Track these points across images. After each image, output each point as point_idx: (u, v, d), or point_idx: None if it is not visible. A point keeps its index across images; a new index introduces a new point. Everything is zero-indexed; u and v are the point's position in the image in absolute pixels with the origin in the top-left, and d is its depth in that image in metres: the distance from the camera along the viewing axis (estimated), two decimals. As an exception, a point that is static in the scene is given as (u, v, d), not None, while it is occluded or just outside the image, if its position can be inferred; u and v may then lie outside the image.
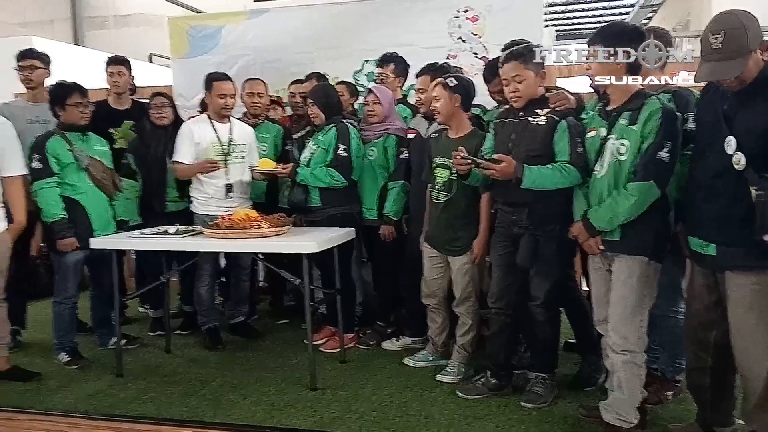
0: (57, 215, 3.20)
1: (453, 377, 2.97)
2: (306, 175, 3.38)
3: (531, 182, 2.44)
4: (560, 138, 2.48)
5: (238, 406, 2.76)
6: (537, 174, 2.44)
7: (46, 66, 3.68)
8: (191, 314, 3.89)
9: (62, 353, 3.34)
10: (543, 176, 2.44)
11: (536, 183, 2.44)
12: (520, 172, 2.43)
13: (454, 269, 2.99)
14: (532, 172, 2.43)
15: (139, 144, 3.71)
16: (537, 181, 2.44)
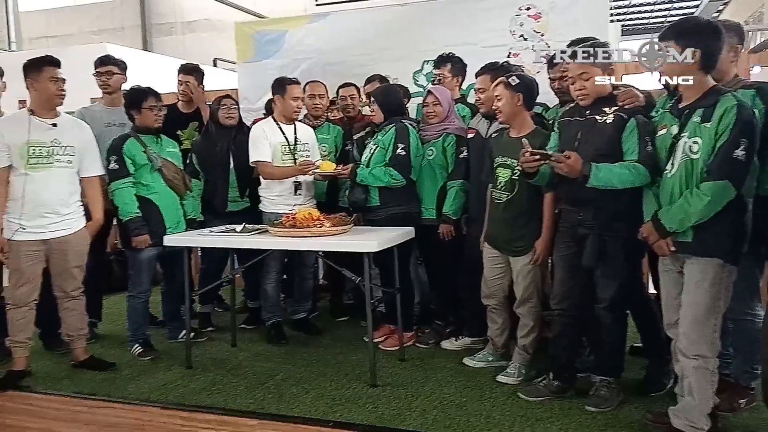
0: (132, 213, 3.36)
1: (514, 378, 2.94)
2: (365, 175, 3.42)
3: (598, 180, 2.38)
4: (629, 136, 2.42)
5: (300, 400, 2.83)
6: (605, 172, 2.38)
7: (123, 72, 3.87)
8: (255, 310, 4.01)
9: (135, 345, 3.51)
10: (611, 174, 2.38)
11: (603, 181, 2.38)
12: (587, 169, 2.37)
13: (516, 269, 2.97)
14: (599, 170, 2.38)
15: (204, 144, 3.84)
16: (604, 179, 2.38)
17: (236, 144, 3.77)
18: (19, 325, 3.11)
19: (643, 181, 2.35)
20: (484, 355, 3.21)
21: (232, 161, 3.78)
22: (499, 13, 4.22)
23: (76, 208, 3.20)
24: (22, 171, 3.01)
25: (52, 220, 3.07)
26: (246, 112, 4.90)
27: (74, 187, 3.20)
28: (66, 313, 3.26)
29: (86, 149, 3.24)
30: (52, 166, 3.07)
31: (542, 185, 2.73)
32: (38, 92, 3.09)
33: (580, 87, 2.51)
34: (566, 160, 2.39)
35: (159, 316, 3.93)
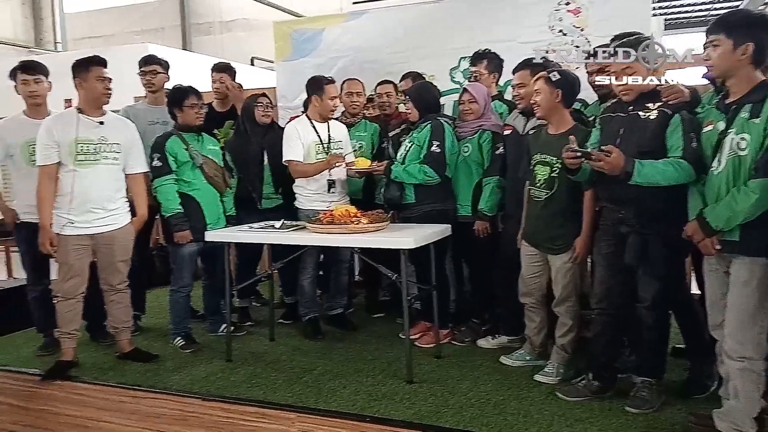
0: (174, 210, 3.44)
1: (552, 378, 2.92)
2: (400, 172, 3.43)
3: (642, 177, 2.32)
4: (673, 132, 2.36)
5: (338, 395, 2.86)
6: (649, 168, 2.32)
7: (166, 71, 3.97)
8: (292, 305, 4.07)
9: (178, 338, 3.60)
10: (655, 171, 2.32)
11: (647, 178, 2.33)
12: (630, 166, 2.32)
13: (554, 268, 2.94)
14: (643, 167, 2.32)
15: (237, 142, 3.88)
16: (648, 176, 2.32)
17: (269, 142, 3.82)
18: (67, 317, 3.22)
19: (688, 179, 2.30)
20: (521, 354, 3.18)
21: (266, 158, 3.83)
22: (538, 8, 4.17)
23: (121, 204, 3.30)
24: (70, 167, 3.11)
25: (99, 216, 3.17)
26: (284, 110, 4.99)
27: (120, 183, 3.29)
28: (112, 306, 3.36)
29: (131, 147, 3.33)
30: (98, 162, 3.16)
31: (583, 182, 2.69)
32: (86, 91, 3.19)
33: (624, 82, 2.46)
34: (607, 157, 2.33)
35: (200, 310, 4.01)
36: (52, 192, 3.12)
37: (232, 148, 3.85)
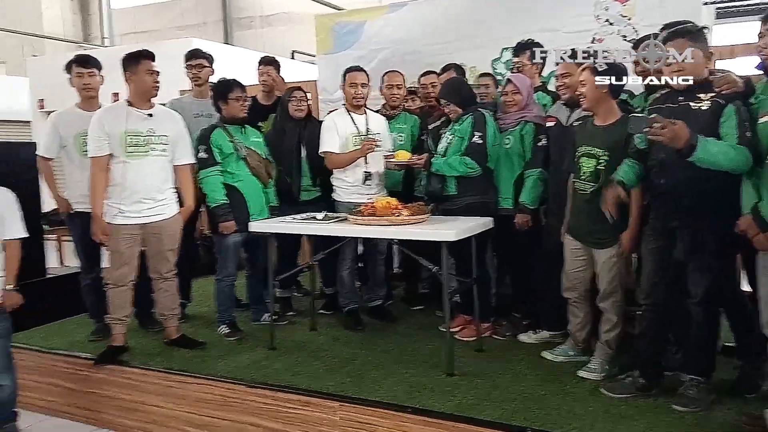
0: (219, 200, 3.51)
1: (596, 374, 2.87)
2: (441, 164, 3.42)
3: (705, 153, 2.19)
4: (726, 122, 2.27)
5: (379, 385, 2.88)
6: (713, 146, 2.19)
7: (211, 65, 4.04)
8: (332, 296, 4.11)
9: (222, 326, 3.68)
10: (718, 149, 2.19)
11: (710, 156, 2.19)
12: (695, 139, 2.18)
13: (600, 262, 2.88)
14: (708, 143, 2.19)
15: (275, 135, 3.90)
16: (711, 154, 2.19)
17: (307, 135, 3.86)
18: (117, 304, 3.33)
19: (746, 165, 2.20)
20: (563, 350, 3.14)
21: (304, 151, 3.86)
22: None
23: (169, 195, 3.38)
24: (121, 159, 3.20)
25: (148, 206, 3.26)
26: (325, 103, 5.03)
27: (168, 174, 3.38)
28: (160, 294, 3.46)
29: (179, 139, 3.40)
30: (147, 154, 3.24)
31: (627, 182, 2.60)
32: (135, 84, 3.26)
33: (678, 68, 2.38)
34: (672, 125, 2.19)
35: (243, 299, 4.09)
36: (103, 183, 3.22)
37: (270, 141, 3.89)
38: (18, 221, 3.03)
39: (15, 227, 3.02)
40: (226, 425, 2.99)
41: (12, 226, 3.00)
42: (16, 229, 3.02)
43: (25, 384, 3.30)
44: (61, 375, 3.46)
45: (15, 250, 3.01)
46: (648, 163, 2.55)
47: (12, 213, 3.01)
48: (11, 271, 3.00)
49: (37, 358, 3.54)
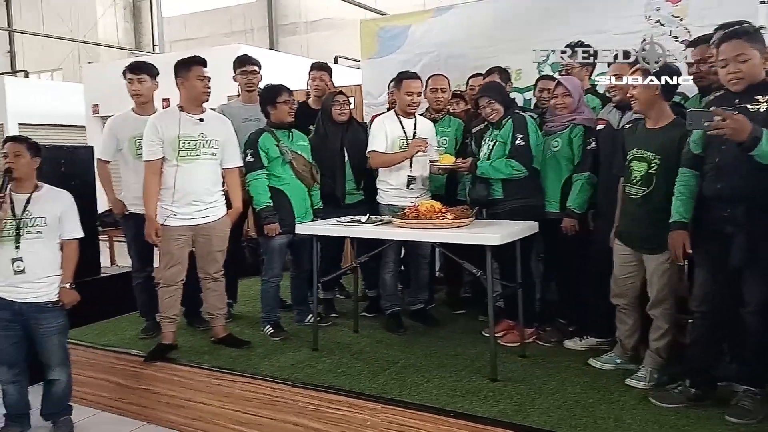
0: (265, 203, 3.57)
1: (644, 383, 2.80)
2: (486, 167, 3.39)
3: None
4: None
5: (422, 388, 2.88)
6: None
7: (260, 70, 4.12)
8: (374, 298, 4.13)
9: (267, 326, 3.73)
10: None
11: None
12: (759, 131, 2.10)
13: (650, 268, 2.81)
14: None
15: (318, 140, 3.92)
16: None
17: (349, 138, 3.88)
18: (168, 303, 3.42)
19: None
20: (611, 357, 3.07)
21: (347, 155, 3.89)
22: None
23: (219, 197, 3.46)
24: (173, 162, 3.29)
25: (198, 208, 3.34)
26: (369, 107, 5.06)
27: (217, 177, 3.46)
28: (208, 294, 3.54)
29: (228, 143, 3.48)
30: (198, 158, 3.33)
31: None
32: (187, 90, 3.36)
33: (735, 70, 2.30)
34: (735, 116, 2.12)
35: (287, 300, 4.15)
36: (157, 186, 3.32)
37: (313, 145, 3.90)
38: (76, 222, 3.17)
39: (73, 228, 3.16)
40: (269, 424, 3.03)
41: (71, 226, 3.14)
42: (75, 230, 3.16)
43: (78, 379, 3.43)
44: (112, 371, 3.58)
45: (73, 250, 3.15)
46: (703, 168, 2.47)
47: (71, 214, 3.15)
48: (69, 270, 3.13)
49: (90, 354, 3.67)
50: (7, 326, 3.02)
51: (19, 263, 2.97)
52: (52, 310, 3.07)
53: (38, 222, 3.03)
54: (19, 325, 3.03)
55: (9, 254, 2.98)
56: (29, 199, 3.03)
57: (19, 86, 12.69)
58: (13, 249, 2.98)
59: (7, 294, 3.00)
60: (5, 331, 3.02)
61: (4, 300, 3.00)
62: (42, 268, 3.03)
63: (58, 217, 3.08)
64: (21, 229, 2.98)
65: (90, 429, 3.36)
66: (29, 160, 3.04)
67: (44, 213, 3.04)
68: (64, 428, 3.22)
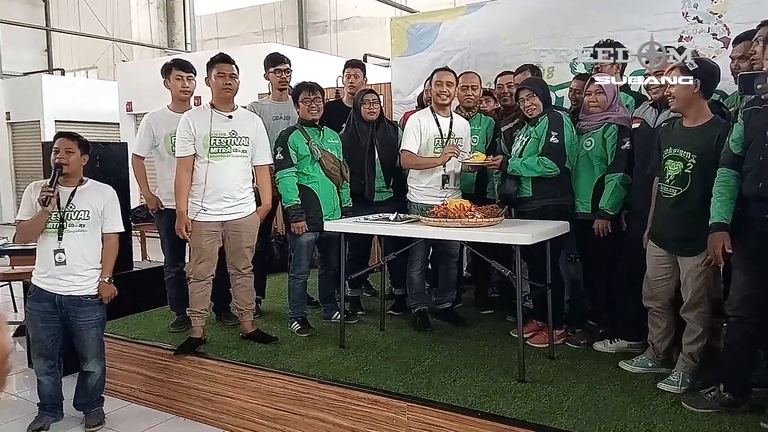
0: (293, 201, 3.58)
1: (677, 387, 2.74)
2: (517, 165, 3.36)
3: None
4: None
5: (449, 387, 2.86)
6: None
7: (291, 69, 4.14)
8: (401, 297, 4.12)
9: (295, 322, 3.75)
10: None
11: None
12: None
13: (685, 271, 2.74)
14: None
15: (348, 138, 3.91)
16: None
17: (379, 137, 3.88)
18: (198, 297, 3.47)
19: None
20: (642, 360, 3.01)
21: (377, 153, 3.88)
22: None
23: (249, 194, 3.49)
24: (204, 159, 3.33)
25: (229, 204, 3.38)
26: (398, 105, 5.05)
27: (247, 174, 3.49)
28: (237, 289, 3.57)
29: (258, 140, 3.51)
30: (229, 155, 3.37)
31: None
32: (213, 87, 3.40)
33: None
34: None
35: (314, 297, 4.17)
36: (188, 182, 3.36)
37: (344, 143, 3.90)
38: (118, 216, 3.24)
39: (115, 222, 3.23)
40: (296, 419, 3.05)
41: (112, 220, 3.21)
42: (116, 224, 3.23)
43: (110, 371, 3.50)
44: (143, 363, 3.64)
45: (113, 244, 3.22)
46: (743, 168, 2.40)
47: (113, 208, 3.22)
48: (108, 264, 3.20)
49: (122, 346, 3.74)
50: (47, 318, 3.10)
51: (60, 255, 3.05)
52: (90, 304, 3.14)
53: (81, 215, 3.10)
54: (59, 317, 3.11)
55: (52, 246, 3.06)
56: (74, 192, 3.12)
57: (56, 84, 13.02)
58: (56, 240, 3.06)
59: (49, 286, 3.07)
60: (44, 323, 3.10)
61: (45, 292, 3.08)
62: (83, 261, 3.11)
63: (100, 211, 3.15)
64: (65, 222, 3.06)
65: (120, 420, 3.43)
66: (79, 157, 3.13)
67: (88, 206, 3.12)
68: (95, 419, 3.29)
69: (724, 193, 2.46)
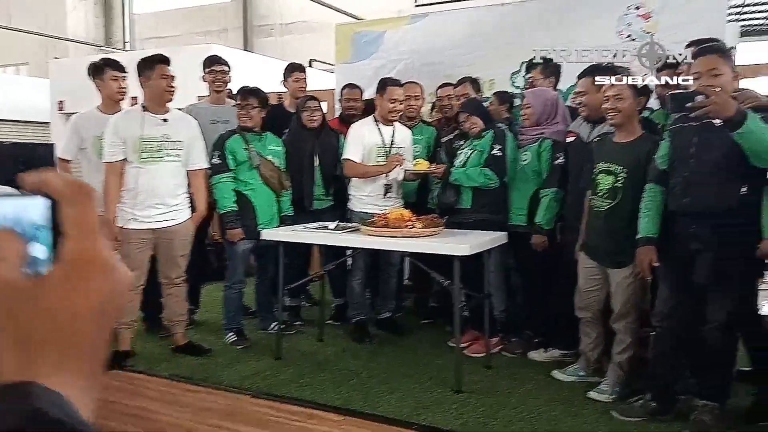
0: (228, 207, 3.49)
1: (607, 396, 2.80)
2: (460, 174, 3.40)
3: (754, 125, 2.06)
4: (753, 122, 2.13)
5: (385, 400, 2.84)
6: (758, 122, 2.07)
7: (230, 71, 4.04)
8: (341, 307, 4.07)
9: (230, 333, 3.65)
10: (762, 130, 2.07)
11: (758, 129, 2.08)
12: (742, 114, 2.06)
13: (615, 282, 2.82)
14: (755, 117, 2.08)
15: (288, 144, 3.84)
16: (759, 127, 2.08)
17: (320, 144, 3.83)
18: (125, 309, 3.31)
19: None
20: (574, 370, 3.08)
21: (317, 161, 3.83)
22: (606, 12, 4.04)
23: (182, 200, 3.37)
24: (135, 164, 3.20)
25: (161, 211, 3.25)
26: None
27: (181, 179, 3.37)
28: (169, 299, 3.44)
29: (193, 143, 3.39)
30: (162, 159, 3.24)
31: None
32: (150, 89, 3.26)
33: (708, 84, 2.29)
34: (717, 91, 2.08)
35: (251, 307, 4.06)
36: (117, 188, 3.21)
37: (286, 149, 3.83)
38: None
39: None
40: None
41: None
42: None
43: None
44: (66, 377, 3.45)
45: None
46: (670, 183, 2.49)
47: None
48: None
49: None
50: None
51: None
52: None
53: None
54: None
55: None
56: None
57: (-18, 80, 12.30)
58: None
59: None
60: None
61: None
62: None
63: None
64: None
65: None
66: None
67: None
68: None
69: (651, 208, 2.54)
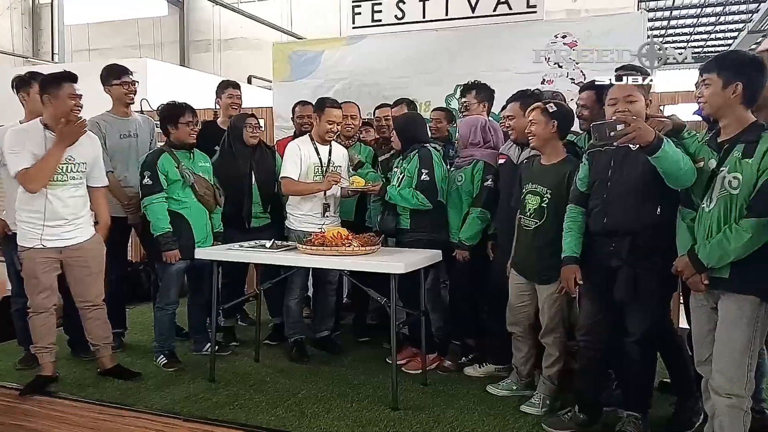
0: (164, 229, 3.40)
1: (538, 409, 2.89)
2: (395, 193, 3.45)
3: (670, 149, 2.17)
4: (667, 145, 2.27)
5: (321, 419, 2.82)
6: (672, 146, 2.20)
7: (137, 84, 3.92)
8: (278, 326, 4.02)
9: (161, 356, 3.53)
10: (676, 150, 2.20)
11: (673, 153, 2.18)
12: (659, 139, 2.17)
13: (542, 298, 2.93)
14: (669, 142, 2.20)
15: (224, 161, 3.81)
16: (674, 150, 2.19)
17: (258, 161, 3.81)
18: (42, 331, 3.15)
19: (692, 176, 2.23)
20: (507, 384, 3.16)
21: (254, 178, 3.80)
22: (535, 40, 4.24)
23: (86, 216, 3.21)
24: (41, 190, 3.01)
25: (64, 229, 3.09)
26: (280, 129, 5.01)
27: (86, 199, 3.22)
28: (89, 323, 3.28)
29: (96, 163, 3.25)
30: (67, 183, 3.08)
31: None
32: (55, 108, 3.03)
33: (622, 110, 2.44)
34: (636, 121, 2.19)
35: (185, 328, 3.96)
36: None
37: (218, 166, 3.76)
38: None
39: None
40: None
41: None
42: None
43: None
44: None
45: None
46: (590, 205, 2.62)
47: None
48: None
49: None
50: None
51: None
52: None
53: None
54: None
55: None
56: None
57: None
58: None
59: None
60: None
61: None
62: None
63: None
64: None
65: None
66: None
67: None
68: None
69: (573, 228, 2.67)
